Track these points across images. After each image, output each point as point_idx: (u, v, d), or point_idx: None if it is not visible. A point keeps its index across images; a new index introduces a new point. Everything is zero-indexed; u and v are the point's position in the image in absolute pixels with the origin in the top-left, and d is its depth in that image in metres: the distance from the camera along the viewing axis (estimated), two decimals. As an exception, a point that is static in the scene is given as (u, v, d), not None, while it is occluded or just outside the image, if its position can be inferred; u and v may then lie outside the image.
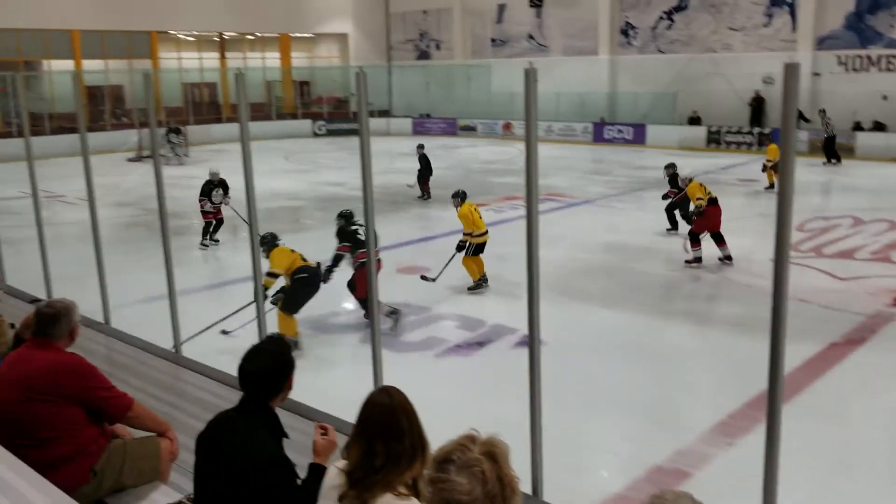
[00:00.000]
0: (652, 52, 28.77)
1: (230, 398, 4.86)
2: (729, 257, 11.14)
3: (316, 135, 32.84)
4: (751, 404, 6.35)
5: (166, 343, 6.29)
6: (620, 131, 28.26)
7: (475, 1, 33.63)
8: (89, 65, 29.67)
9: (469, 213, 9.98)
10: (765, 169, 17.33)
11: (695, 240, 11.12)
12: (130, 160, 24.40)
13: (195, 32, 33.57)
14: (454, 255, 10.12)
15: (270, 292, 7.82)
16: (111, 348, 6.28)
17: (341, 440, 3.01)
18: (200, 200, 13.06)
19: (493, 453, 1.89)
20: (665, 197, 13.53)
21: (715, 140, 25.91)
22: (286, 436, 2.92)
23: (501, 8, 32.85)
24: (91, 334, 6.35)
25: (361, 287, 8.34)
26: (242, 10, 33.09)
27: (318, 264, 8.43)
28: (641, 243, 12.61)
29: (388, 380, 4.55)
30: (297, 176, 21.38)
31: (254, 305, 5.86)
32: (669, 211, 13.41)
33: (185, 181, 18.30)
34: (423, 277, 10.15)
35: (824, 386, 6.99)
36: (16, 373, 3.32)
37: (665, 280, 10.72)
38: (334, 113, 35.06)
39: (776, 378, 3.05)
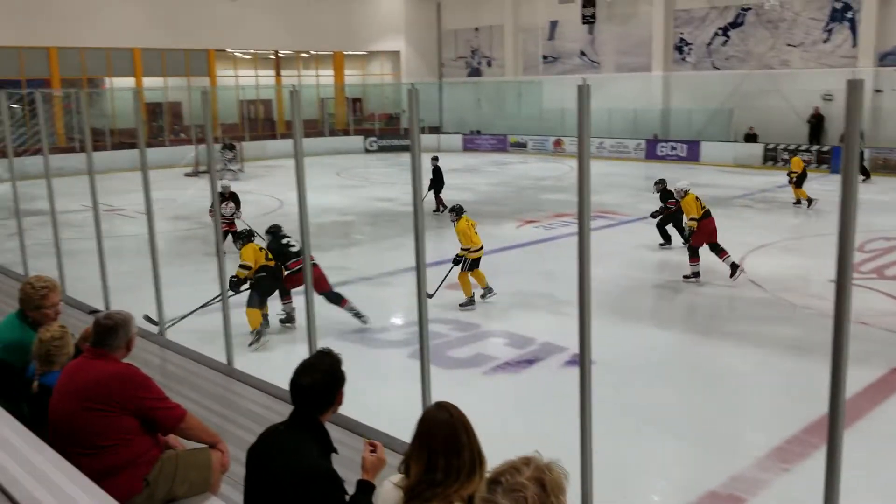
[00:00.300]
0: (707, 69, 28.41)
1: (281, 411, 4.91)
2: (736, 265, 10.98)
3: (367, 151, 33.20)
4: (808, 430, 6.16)
5: (219, 355, 6.38)
6: (674, 148, 27.91)
7: (527, 18, 33.70)
8: (149, 82, 30.53)
9: (466, 229, 9.99)
10: (791, 182, 17.20)
11: (694, 254, 11.09)
12: (187, 175, 24.96)
13: (252, 50, 34.33)
14: (451, 270, 10.11)
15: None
16: (165, 359, 6.40)
17: (389, 457, 3.01)
18: (210, 213, 13.28)
19: (542, 480, 1.85)
20: (654, 215, 13.60)
21: (772, 157, 25.38)
22: (335, 451, 2.93)
23: (553, 25, 32.85)
24: (146, 345, 6.49)
25: (290, 286, 9.04)
26: (298, 29, 33.77)
27: (277, 265, 8.96)
28: (695, 262, 12.39)
29: (436, 397, 4.54)
30: (348, 191, 21.61)
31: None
32: (661, 226, 13.44)
33: (239, 196, 18.65)
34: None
35: (886, 412, 6.75)
36: (74, 383, 3.40)
37: (719, 300, 10.51)
38: (386, 129, 35.42)
39: (837, 403, 2.94)
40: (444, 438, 2.44)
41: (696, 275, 11.05)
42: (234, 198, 13.53)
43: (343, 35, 35.30)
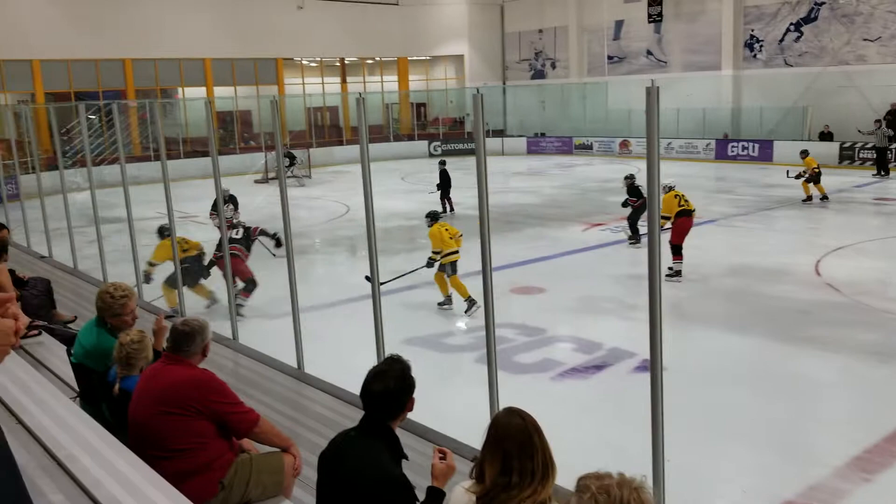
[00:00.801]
0: (779, 66, 27.62)
1: (350, 415, 4.96)
2: (678, 273, 11.15)
3: (432, 155, 33.35)
4: (890, 439, 5.92)
5: (289, 359, 6.49)
6: (745, 148, 27.21)
7: (592, 18, 33.37)
8: (219, 91, 31.35)
9: (439, 233, 10.19)
10: (798, 177, 17.37)
11: (676, 252, 11.20)
12: (257, 182, 25.51)
13: (318, 58, 34.92)
14: (417, 269, 10.35)
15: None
16: (238, 363, 6.54)
17: (458, 463, 3.01)
18: (211, 215, 13.44)
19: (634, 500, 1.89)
20: (625, 204, 13.78)
21: (848, 157, 24.49)
22: (406, 457, 2.95)
23: (619, 24, 32.43)
24: (219, 349, 6.64)
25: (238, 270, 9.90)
26: (363, 36, 34.23)
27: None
28: (769, 265, 12.04)
29: (504, 402, 4.51)
30: (412, 196, 21.73)
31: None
32: (632, 222, 13.56)
33: (306, 202, 18.98)
34: (367, 278, 10.60)
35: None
36: (151, 387, 3.50)
37: (795, 304, 10.17)
38: (450, 133, 35.55)
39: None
40: (518, 442, 2.47)
41: (678, 273, 11.15)
42: (232, 200, 13.69)
43: (407, 41, 35.63)
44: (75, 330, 5.44)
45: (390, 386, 2.89)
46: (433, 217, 10.69)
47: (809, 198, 17.48)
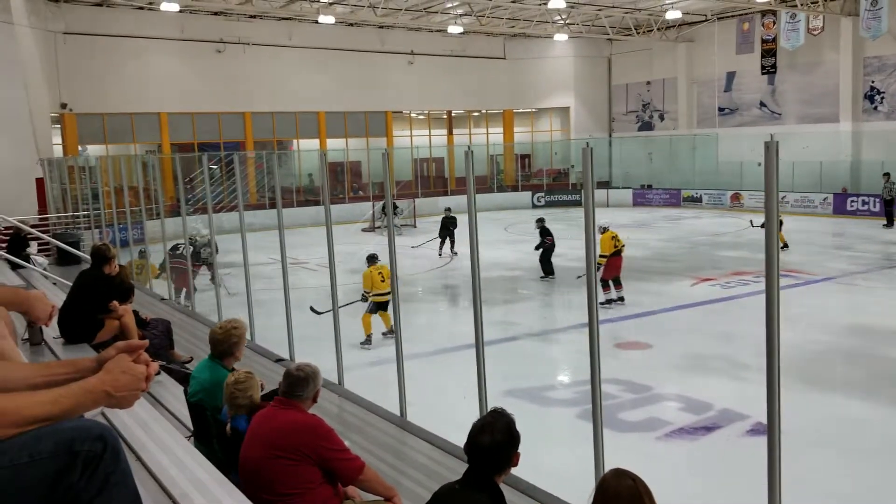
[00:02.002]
0: (902, 118, 26.36)
1: (451, 466, 4.94)
2: (620, 299, 13.26)
3: (535, 206, 33.37)
4: None
5: (393, 406, 6.54)
6: (865, 203, 25.93)
7: (702, 70, 32.90)
8: (331, 143, 32.55)
9: (370, 276, 11.27)
10: (763, 226, 16.54)
11: (605, 285, 13.08)
12: (364, 230, 26.16)
13: (426, 111, 35.80)
14: (353, 303, 11.33)
15: None
16: (343, 409, 6.64)
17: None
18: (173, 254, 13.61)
19: None
20: (538, 247, 15.92)
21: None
22: (510, 513, 2.90)
23: (730, 76, 31.81)
24: (325, 394, 6.75)
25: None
26: (470, 89, 34.95)
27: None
28: (892, 326, 11.34)
29: (609, 460, 4.39)
30: (515, 246, 21.72)
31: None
32: (543, 260, 15.74)
33: (411, 251, 19.30)
34: (312, 309, 11.16)
35: None
36: (263, 430, 3.59)
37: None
38: (553, 184, 35.53)
39: None
40: None
41: (609, 301, 12.98)
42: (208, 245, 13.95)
43: (513, 93, 36.09)
44: (191, 370, 5.67)
45: (498, 439, 2.86)
46: (371, 260, 11.69)
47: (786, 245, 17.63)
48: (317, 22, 28.08)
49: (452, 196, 32.67)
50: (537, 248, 15.93)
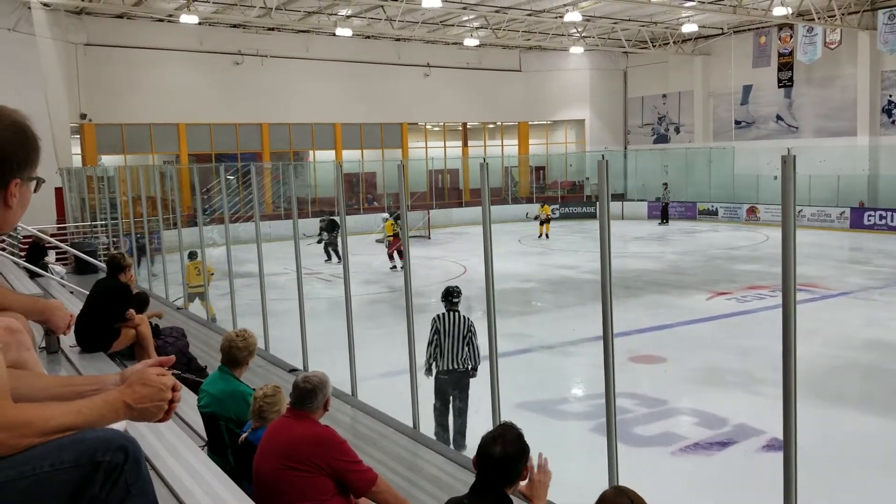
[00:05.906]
0: (921, 131, 26.17)
1: (463, 479, 4.92)
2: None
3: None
4: None
5: (405, 418, 6.53)
6: (883, 217, 25.72)
7: (718, 83, 32.81)
8: (347, 154, 32.70)
9: (189, 269, 12.89)
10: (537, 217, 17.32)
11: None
12: (378, 241, 26.21)
13: (441, 123, 35.91)
14: (177, 300, 12.54)
15: None
16: (356, 420, 6.64)
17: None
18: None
19: None
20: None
21: None
22: (521, 526, 2.89)
23: (747, 89, 31.70)
24: (338, 404, 6.76)
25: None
26: (485, 101, 35.04)
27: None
28: (912, 342, 11.23)
29: (623, 475, 4.37)
30: (529, 258, 21.72)
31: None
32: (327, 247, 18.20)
33: (425, 262, 19.32)
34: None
35: None
36: (275, 441, 3.60)
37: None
38: (568, 197, 35.49)
39: None
40: None
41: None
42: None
43: (529, 106, 36.15)
44: (202, 380, 5.69)
45: (509, 450, 2.85)
46: (191, 256, 12.99)
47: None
48: (334, 34, 28.27)
49: (467, 207, 32.72)
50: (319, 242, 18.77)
